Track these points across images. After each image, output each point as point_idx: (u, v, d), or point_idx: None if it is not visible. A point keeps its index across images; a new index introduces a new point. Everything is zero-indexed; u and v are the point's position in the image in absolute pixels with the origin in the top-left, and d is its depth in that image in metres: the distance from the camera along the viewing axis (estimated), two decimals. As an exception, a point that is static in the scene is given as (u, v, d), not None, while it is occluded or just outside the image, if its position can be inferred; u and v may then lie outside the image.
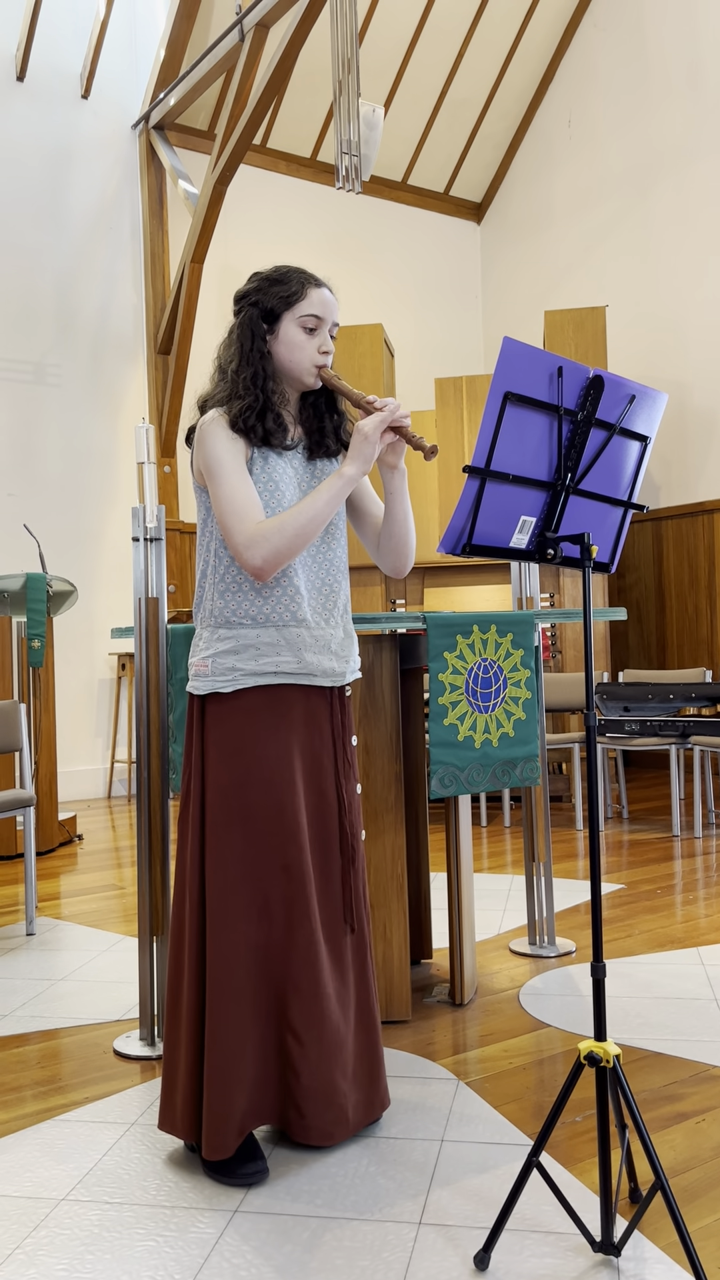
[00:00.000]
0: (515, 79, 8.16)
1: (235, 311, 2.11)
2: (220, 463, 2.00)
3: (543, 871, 3.37)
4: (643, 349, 7.50)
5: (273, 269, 2.10)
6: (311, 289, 2.06)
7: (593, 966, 1.73)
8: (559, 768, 6.23)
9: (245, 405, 2.02)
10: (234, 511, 1.97)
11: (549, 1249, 1.73)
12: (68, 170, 6.99)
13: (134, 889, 4.38)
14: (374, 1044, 2.15)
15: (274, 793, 2.02)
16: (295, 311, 2.05)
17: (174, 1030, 2.07)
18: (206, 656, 2.05)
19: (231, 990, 1.99)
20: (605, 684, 5.41)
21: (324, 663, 2.08)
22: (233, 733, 2.03)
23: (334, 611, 2.11)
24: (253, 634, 2.03)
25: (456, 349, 8.74)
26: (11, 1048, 2.70)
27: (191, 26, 6.78)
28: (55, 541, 6.83)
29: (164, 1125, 2.07)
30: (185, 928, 2.05)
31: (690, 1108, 2.24)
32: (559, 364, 1.77)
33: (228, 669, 2.03)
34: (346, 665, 2.13)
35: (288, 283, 2.06)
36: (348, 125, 5.08)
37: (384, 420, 1.99)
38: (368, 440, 1.98)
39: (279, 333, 2.06)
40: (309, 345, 2.05)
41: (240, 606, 2.04)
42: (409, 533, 2.17)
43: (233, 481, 1.99)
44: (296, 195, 7.94)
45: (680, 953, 3.30)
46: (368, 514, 2.22)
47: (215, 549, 2.07)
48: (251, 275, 2.12)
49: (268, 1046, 2.03)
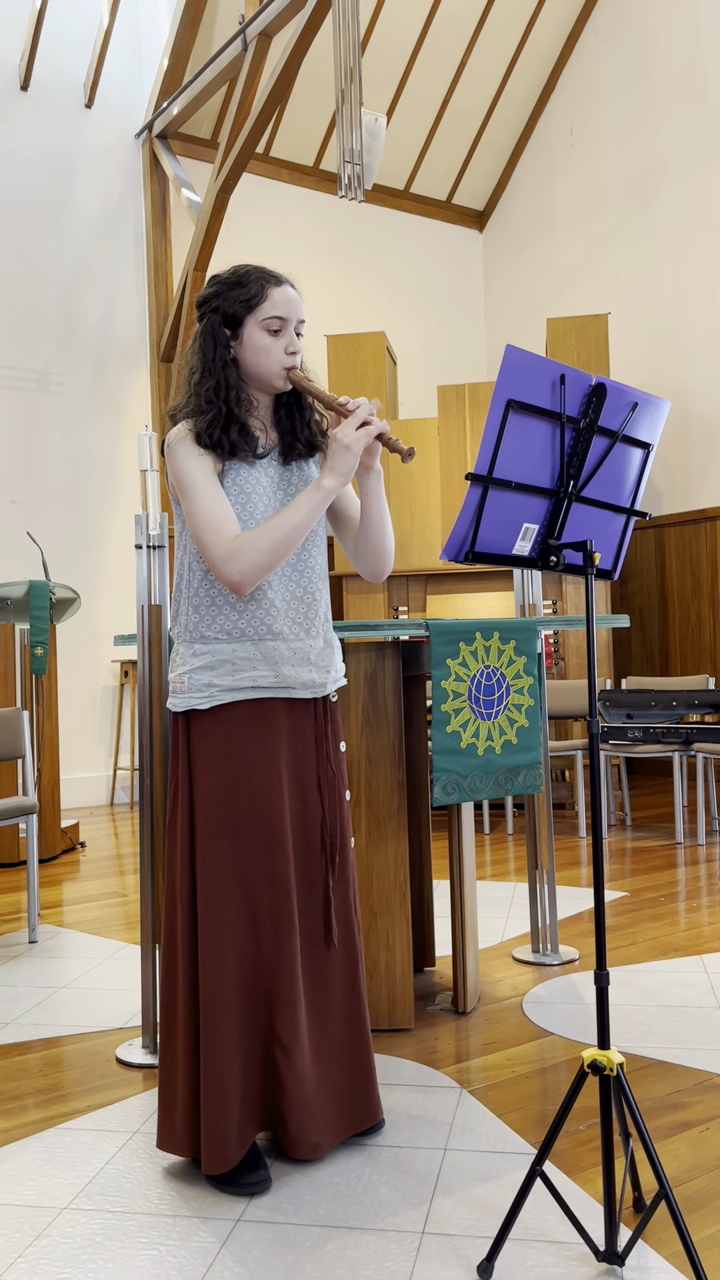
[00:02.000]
0: (517, 88, 8.18)
1: (198, 317, 2.05)
2: (190, 478, 1.95)
3: (546, 879, 3.36)
4: (645, 357, 7.50)
5: (230, 271, 2.05)
6: (272, 288, 2.00)
7: (596, 974, 1.73)
8: (562, 775, 6.22)
9: (209, 420, 1.97)
10: (208, 526, 1.93)
11: (553, 1259, 1.72)
12: (71, 179, 7.01)
13: (136, 896, 4.37)
14: (363, 1054, 2.12)
15: (262, 803, 1.99)
16: (258, 315, 1.99)
17: (169, 1047, 2.04)
18: (183, 672, 2.02)
19: (222, 1003, 1.97)
20: (608, 691, 5.40)
21: (302, 675, 2.04)
22: (218, 745, 2.00)
23: (314, 621, 2.07)
24: (228, 649, 1.99)
25: (459, 357, 8.76)
26: (13, 1056, 2.70)
27: (195, 36, 6.80)
28: (58, 549, 6.84)
29: (164, 1144, 2.04)
30: (176, 942, 2.03)
31: (694, 1116, 2.23)
32: (561, 372, 1.77)
33: (204, 685, 2.00)
34: (327, 675, 2.09)
35: (247, 285, 2.00)
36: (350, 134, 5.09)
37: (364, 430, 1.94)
38: (349, 451, 1.93)
39: (243, 338, 2.01)
40: (275, 348, 2.00)
41: (215, 621, 2.00)
42: (386, 535, 2.12)
43: (205, 496, 1.94)
44: (299, 204, 7.96)
45: (684, 960, 3.29)
46: (347, 518, 2.17)
47: (189, 563, 2.03)
48: (210, 279, 2.06)
49: (255, 1058, 2.01)
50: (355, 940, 2.13)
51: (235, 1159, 1.96)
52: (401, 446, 1.92)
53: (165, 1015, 2.06)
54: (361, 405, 1.96)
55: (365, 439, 1.94)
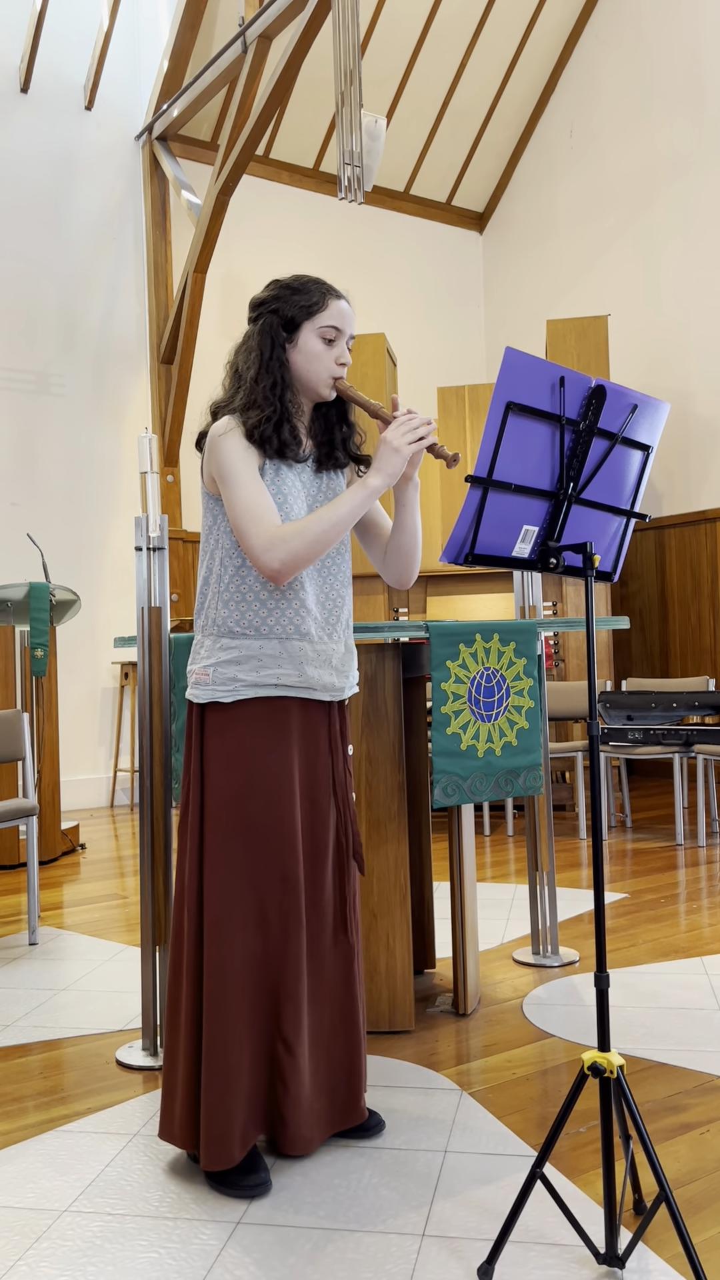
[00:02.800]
0: (517, 89, 8.18)
1: (253, 318, 2.09)
2: (235, 469, 1.98)
3: (546, 881, 3.36)
4: (645, 359, 7.51)
5: (293, 278, 2.09)
6: (332, 300, 2.05)
7: (596, 976, 1.72)
8: (562, 776, 6.22)
9: (264, 416, 2.00)
10: (251, 515, 1.96)
11: (553, 1261, 1.72)
12: (71, 181, 7.02)
13: (137, 898, 4.37)
14: (357, 1052, 2.14)
15: (274, 803, 2.02)
16: (315, 322, 2.03)
17: (173, 1040, 2.07)
18: (208, 665, 2.04)
19: (228, 1001, 1.98)
20: (608, 693, 5.40)
21: (324, 677, 2.07)
22: (233, 743, 2.02)
23: (337, 626, 2.11)
24: (255, 645, 2.02)
25: (459, 358, 8.76)
26: (14, 1058, 2.70)
27: (195, 38, 6.81)
28: (58, 551, 6.84)
29: (164, 1134, 2.07)
30: (184, 939, 2.05)
31: (694, 1118, 2.23)
32: (561, 374, 1.77)
33: (229, 679, 2.02)
34: (346, 680, 2.12)
35: (309, 293, 2.05)
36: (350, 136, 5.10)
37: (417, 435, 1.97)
38: (398, 453, 1.97)
39: (298, 342, 2.04)
40: (327, 356, 2.04)
41: (244, 617, 2.03)
42: (417, 544, 2.16)
43: (249, 486, 1.98)
44: (299, 206, 7.97)
45: (684, 962, 3.29)
46: (375, 525, 2.22)
47: (221, 557, 2.06)
48: (270, 282, 2.10)
49: (260, 1056, 2.02)
50: (356, 940, 2.16)
51: (236, 1158, 1.97)
52: (447, 453, 1.96)
53: (170, 1009, 2.08)
54: (415, 417, 1.99)
55: (417, 447, 1.98)
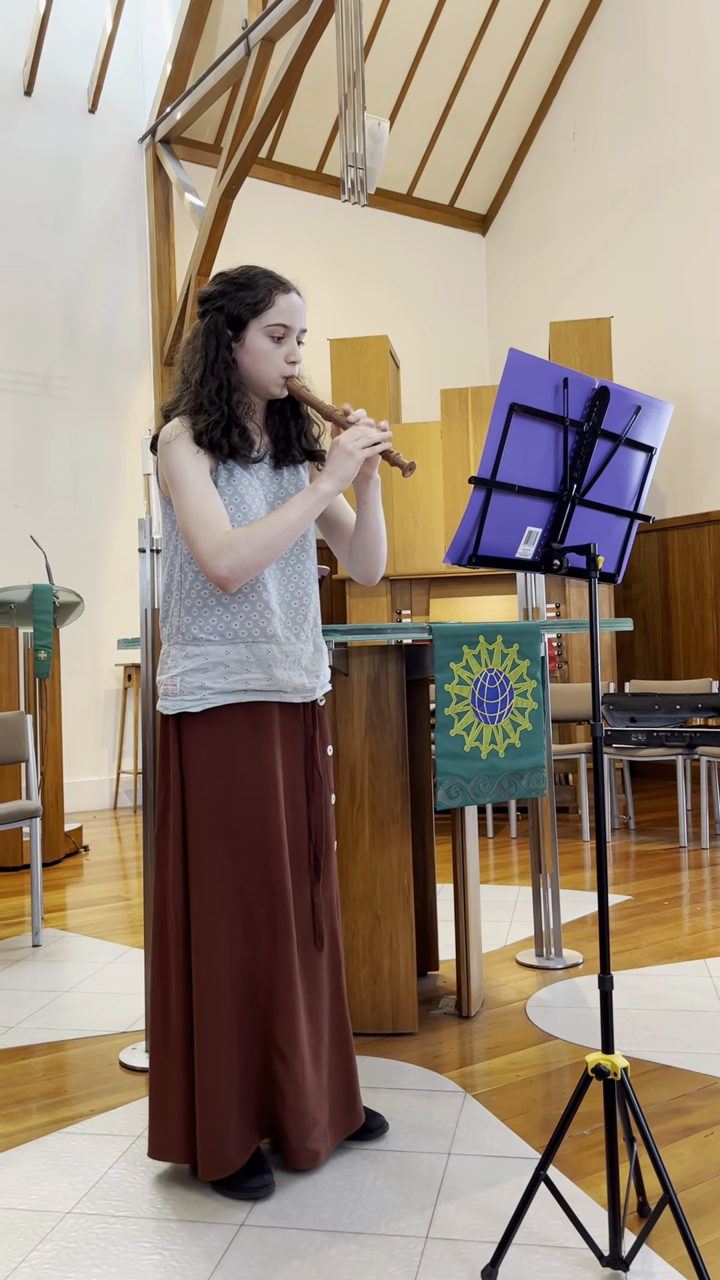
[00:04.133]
0: (520, 92, 8.19)
1: (199, 314, 2.03)
2: (184, 474, 1.94)
3: (549, 883, 3.36)
4: (648, 360, 7.51)
5: (239, 270, 2.03)
6: (279, 295, 1.98)
7: (600, 978, 1.72)
8: (565, 778, 6.21)
9: (211, 421, 1.95)
10: (198, 521, 1.91)
11: (557, 1263, 1.72)
12: (74, 184, 7.03)
13: (140, 900, 4.37)
14: (349, 1058, 2.12)
15: (256, 808, 1.98)
16: (262, 320, 1.98)
17: (162, 1053, 2.00)
18: (175, 675, 1.99)
19: (219, 1011, 1.95)
20: (612, 695, 5.40)
21: (294, 679, 2.03)
22: (213, 749, 1.98)
23: (304, 626, 2.07)
24: (221, 651, 1.98)
25: (462, 360, 8.76)
26: (17, 1060, 2.70)
27: (198, 41, 6.82)
28: (61, 553, 6.84)
29: (157, 1153, 1.99)
30: (169, 949, 2.01)
31: (699, 1121, 2.23)
32: (564, 375, 1.77)
33: (196, 688, 1.97)
34: (317, 680, 2.09)
35: (254, 288, 1.98)
36: (353, 138, 5.10)
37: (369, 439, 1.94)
38: (351, 457, 1.93)
39: (245, 341, 1.99)
40: (276, 355, 1.99)
41: (207, 623, 1.98)
42: (380, 541, 2.14)
43: (197, 491, 1.93)
44: (302, 208, 7.97)
45: (688, 964, 3.29)
46: (340, 523, 2.19)
47: (180, 563, 2.02)
48: (215, 275, 2.04)
49: (253, 1067, 1.99)
50: (340, 944, 2.13)
51: (234, 1164, 1.95)
52: (402, 461, 1.92)
53: (158, 1023, 2.02)
54: (362, 419, 1.96)
55: (371, 453, 1.95)
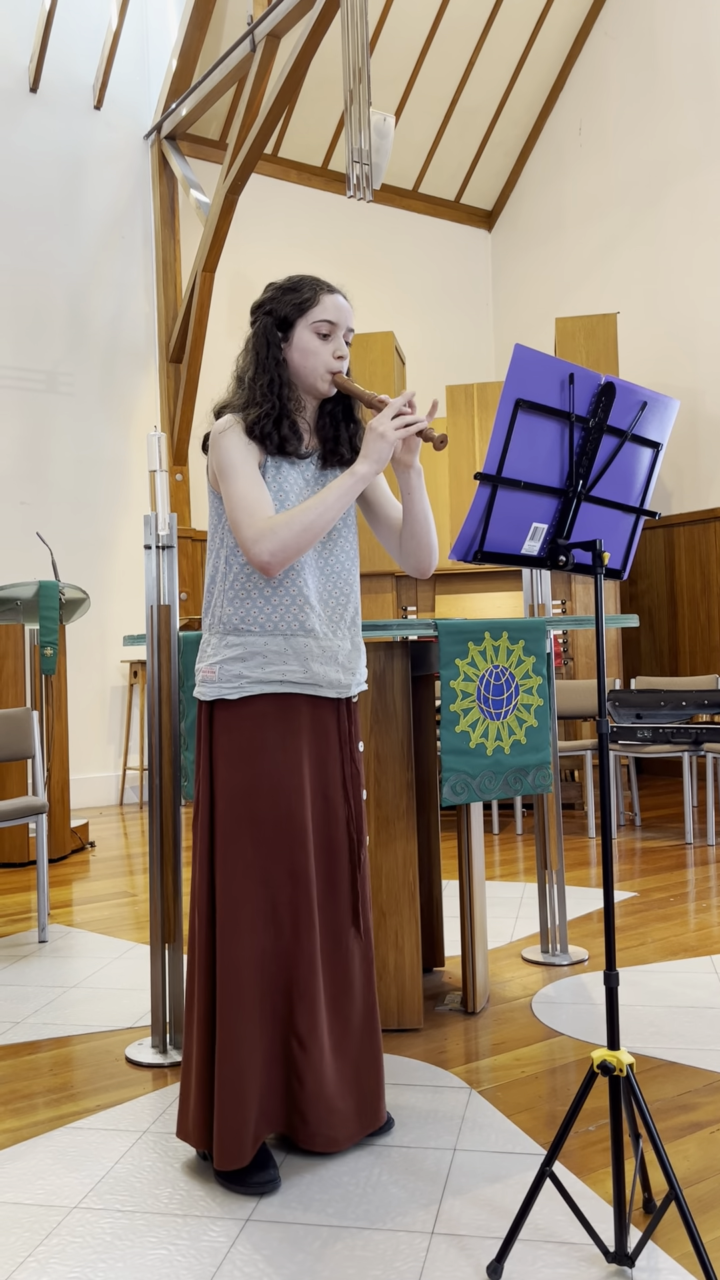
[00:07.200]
0: (526, 87, 8.17)
1: (251, 322, 2.13)
2: (233, 464, 2.01)
3: (555, 879, 3.36)
4: (654, 356, 7.49)
5: (287, 278, 2.13)
6: (324, 295, 2.08)
7: (605, 975, 1.72)
8: (571, 775, 6.21)
9: (262, 412, 2.03)
10: (244, 508, 1.97)
11: (562, 1259, 1.72)
12: (80, 180, 7.03)
13: (146, 896, 4.38)
14: (377, 1052, 2.15)
15: (283, 799, 2.02)
16: (309, 318, 2.06)
17: (188, 1038, 2.08)
18: (214, 663, 2.05)
19: (241, 999, 1.99)
20: (617, 691, 5.39)
21: (330, 674, 2.07)
22: (241, 739, 2.03)
23: (342, 623, 2.11)
24: (260, 641, 2.03)
25: (468, 356, 8.75)
26: (24, 1055, 2.71)
27: (203, 37, 6.81)
28: (68, 549, 6.85)
29: (180, 1133, 2.09)
30: (195, 936, 2.06)
31: (704, 1117, 2.23)
32: (570, 371, 1.77)
33: (234, 676, 2.03)
34: (353, 678, 2.12)
35: (300, 290, 2.08)
36: (359, 134, 5.09)
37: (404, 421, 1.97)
38: (383, 438, 1.97)
39: (293, 339, 2.07)
40: (323, 351, 2.06)
41: (249, 613, 2.04)
42: (429, 531, 2.16)
43: (245, 480, 2.00)
44: (308, 204, 7.97)
45: (693, 961, 3.28)
46: (386, 516, 2.21)
47: (226, 555, 2.08)
48: (267, 285, 2.14)
49: (274, 1053, 2.03)
50: (372, 939, 2.17)
51: (249, 1156, 1.97)
52: (434, 434, 1.95)
53: (186, 1009, 2.10)
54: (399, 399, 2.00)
55: (405, 433, 1.98)
